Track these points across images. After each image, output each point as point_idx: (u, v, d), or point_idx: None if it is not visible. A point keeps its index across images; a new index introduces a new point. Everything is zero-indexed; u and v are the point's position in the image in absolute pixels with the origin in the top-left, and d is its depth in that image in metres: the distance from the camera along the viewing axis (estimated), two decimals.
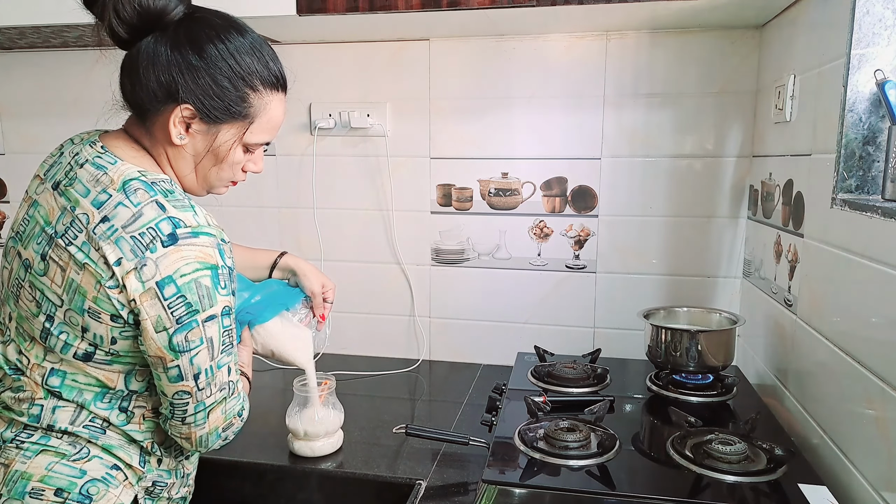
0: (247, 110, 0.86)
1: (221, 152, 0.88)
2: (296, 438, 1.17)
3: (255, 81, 0.86)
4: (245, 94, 0.85)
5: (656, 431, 1.15)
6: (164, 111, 0.84)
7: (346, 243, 1.70)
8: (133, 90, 0.85)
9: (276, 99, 0.89)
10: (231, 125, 0.86)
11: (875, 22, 0.93)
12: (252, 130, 0.88)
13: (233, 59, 0.84)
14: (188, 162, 0.88)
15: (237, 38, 0.85)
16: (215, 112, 0.84)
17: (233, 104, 0.85)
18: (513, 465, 0.96)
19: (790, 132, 1.22)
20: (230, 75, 0.84)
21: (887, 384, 0.82)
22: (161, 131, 0.85)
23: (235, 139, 0.88)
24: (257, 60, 0.86)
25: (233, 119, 0.86)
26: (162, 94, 0.83)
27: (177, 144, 0.85)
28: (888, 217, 0.80)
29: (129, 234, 0.78)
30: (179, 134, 0.85)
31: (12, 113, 1.84)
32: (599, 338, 1.60)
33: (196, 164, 0.89)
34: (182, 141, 0.85)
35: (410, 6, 1.25)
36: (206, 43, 0.83)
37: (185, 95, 0.82)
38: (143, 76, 0.83)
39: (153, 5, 0.81)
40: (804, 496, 0.86)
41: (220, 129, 0.86)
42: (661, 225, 1.53)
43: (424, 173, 1.63)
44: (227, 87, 0.84)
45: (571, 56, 1.52)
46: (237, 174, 0.94)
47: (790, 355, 1.17)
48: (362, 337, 1.73)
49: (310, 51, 1.64)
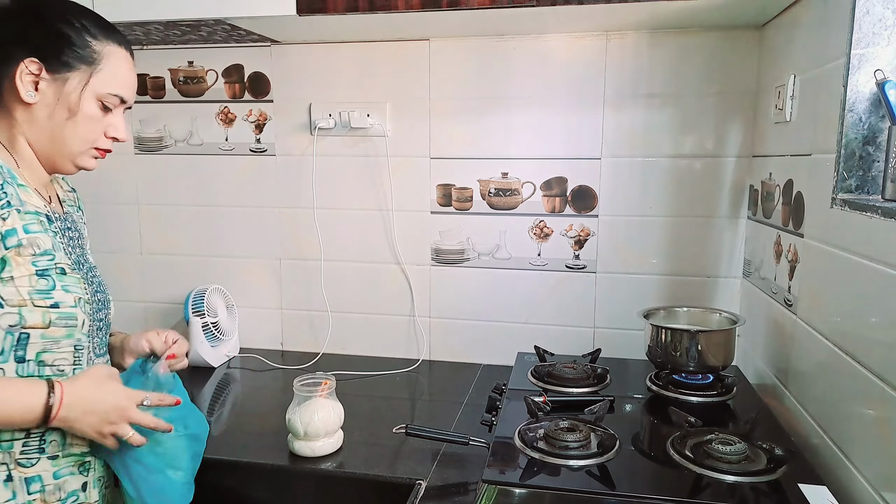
0: (91, 55, 0.90)
1: (72, 101, 0.89)
2: (296, 438, 1.17)
3: (94, 29, 0.91)
4: (86, 40, 0.90)
5: (656, 431, 1.14)
6: (6, 74, 0.87)
7: (346, 243, 1.70)
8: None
9: (118, 52, 0.93)
10: (78, 73, 0.89)
11: (875, 22, 0.93)
12: (100, 78, 0.91)
13: (63, 5, 0.91)
14: (42, 125, 0.90)
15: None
16: (61, 58, 0.88)
17: (77, 47, 0.89)
18: (513, 465, 0.96)
19: (790, 132, 1.22)
20: (68, 21, 0.89)
21: (887, 384, 0.82)
22: (9, 95, 0.88)
23: (85, 88, 0.90)
24: (89, 13, 0.93)
25: (78, 63, 0.89)
26: (6, 55, 0.86)
27: (28, 102, 0.87)
28: (888, 217, 0.81)
29: None
30: (28, 91, 0.87)
31: None
32: (599, 338, 1.60)
33: (51, 125, 0.90)
34: (33, 98, 0.87)
35: (410, 6, 1.25)
36: None
37: (28, 51, 0.86)
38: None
39: None
40: (804, 496, 0.86)
41: (67, 78, 0.89)
42: (661, 225, 1.53)
43: (424, 173, 1.63)
44: (69, 32, 0.88)
45: (571, 56, 1.52)
46: (98, 137, 0.94)
47: (790, 355, 1.17)
48: (362, 337, 1.73)
49: (310, 51, 1.64)
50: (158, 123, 1.76)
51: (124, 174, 1.79)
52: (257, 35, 1.56)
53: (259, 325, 1.78)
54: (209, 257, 1.79)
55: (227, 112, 1.72)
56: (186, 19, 1.37)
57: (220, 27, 1.46)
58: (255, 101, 1.70)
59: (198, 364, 1.63)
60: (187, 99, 1.73)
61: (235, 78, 1.70)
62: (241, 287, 1.77)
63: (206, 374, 1.61)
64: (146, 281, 1.82)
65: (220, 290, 1.71)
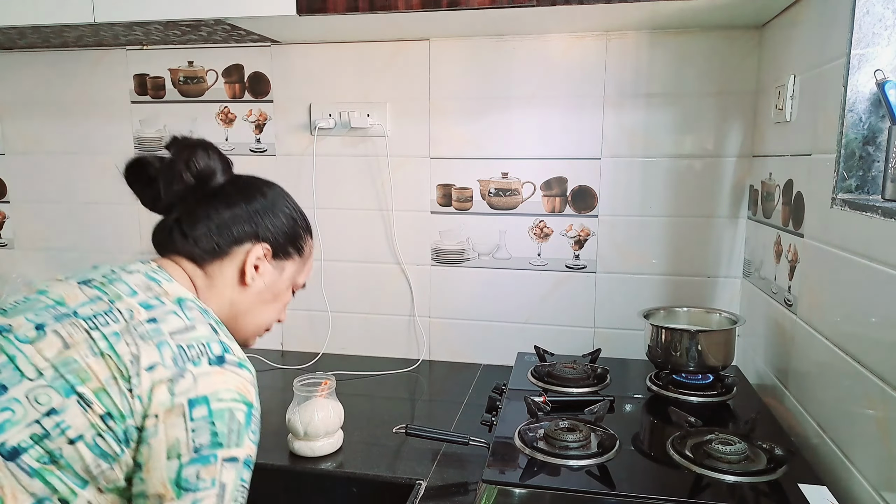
0: (304, 248, 0.94)
1: (280, 289, 0.91)
2: (296, 438, 1.17)
3: (305, 223, 0.95)
4: (301, 232, 0.93)
5: (656, 431, 1.14)
6: (234, 253, 0.86)
7: (346, 243, 1.70)
8: (196, 239, 0.85)
9: (311, 243, 0.97)
10: (293, 262, 0.92)
11: (875, 22, 0.93)
12: (303, 269, 0.95)
13: (283, 199, 0.92)
14: (242, 305, 0.88)
15: (280, 189, 0.94)
16: (286, 247, 0.91)
17: (297, 239, 0.92)
18: (513, 465, 0.96)
19: (790, 132, 1.22)
20: (290, 213, 0.92)
21: (887, 384, 0.82)
22: (229, 271, 0.86)
23: (292, 278, 0.93)
24: (299, 208, 0.95)
25: (295, 255, 0.92)
26: (237, 236, 0.86)
27: (247, 284, 0.87)
28: (888, 217, 0.80)
29: (177, 342, 0.72)
30: (252, 275, 0.87)
31: (12, 113, 1.84)
32: (599, 338, 1.60)
33: (252, 306, 0.89)
34: (252, 281, 0.87)
35: (410, 6, 1.25)
36: (264, 188, 0.91)
37: (263, 234, 0.87)
38: (218, 226, 0.85)
39: (210, 166, 0.87)
40: (804, 496, 0.86)
41: (285, 266, 0.91)
42: (661, 225, 1.53)
43: (424, 173, 1.63)
44: (292, 223, 0.92)
45: (571, 56, 1.52)
46: (278, 317, 0.95)
47: (790, 355, 1.17)
48: (362, 337, 1.73)
49: (310, 51, 1.64)
50: (158, 123, 1.76)
51: None
52: (257, 35, 1.56)
53: None
54: None
55: (228, 112, 1.72)
56: (186, 19, 1.37)
57: (220, 27, 1.46)
58: (255, 101, 1.70)
59: None
60: (187, 99, 1.73)
61: (235, 78, 1.70)
62: None
63: None
64: None
65: None
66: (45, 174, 1.85)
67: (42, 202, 1.87)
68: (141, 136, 1.77)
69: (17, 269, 1.89)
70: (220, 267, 0.86)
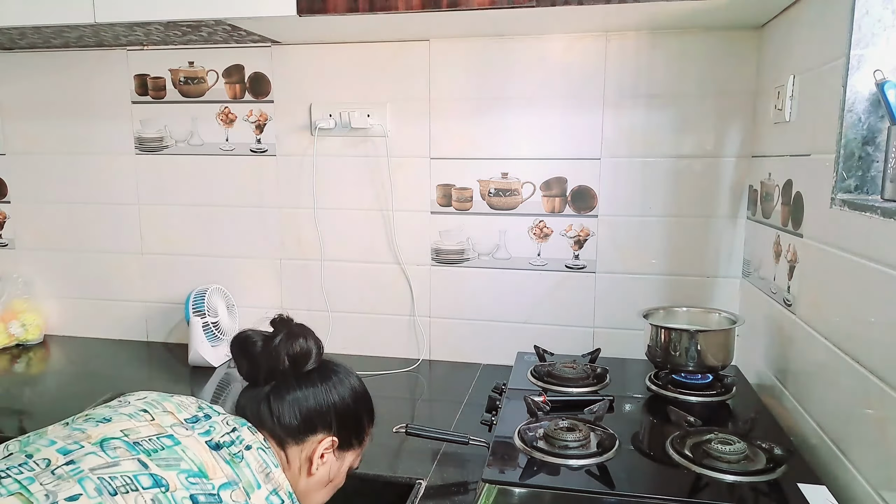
0: (365, 439, 0.96)
1: (336, 475, 0.93)
2: None
3: (371, 416, 0.97)
4: (366, 426, 0.96)
5: (656, 431, 1.15)
6: (307, 441, 0.88)
7: (346, 243, 1.70)
8: (279, 419, 0.87)
9: (371, 433, 0.98)
10: (353, 452, 0.94)
11: (874, 22, 0.93)
12: (359, 456, 0.97)
13: (364, 397, 0.95)
14: (303, 488, 0.89)
15: (358, 380, 0.96)
16: (353, 441, 0.93)
17: (363, 432, 0.95)
18: (512, 464, 0.96)
19: (789, 132, 1.22)
20: (365, 411, 0.95)
21: (887, 384, 0.82)
22: (298, 457, 0.88)
23: (349, 464, 0.95)
24: (370, 399, 0.97)
25: (357, 446, 0.94)
26: (315, 425, 0.88)
27: (312, 474, 0.88)
28: (888, 217, 0.81)
29: None
30: (318, 464, 0.88)
31: (12, 113, 1.84)
32: (599, 337, 1.60)
33: (309, 490, 0.90)
34: (317, 470, 0.89)
35: (410, 6, 1.25)
36: (345, 379, 0.93)
37: (334, 427, 0.89)
38: (302, 410, 0.87)
39: (307, 350, 0.90)
40: (803, 496, 0.86)
41: (345, 457, 0.93)
42: (661, 225, 1.54)
43: (424, 173, 1.64)
44: (362, 419, 0.94)
45: (571, 56, 1.52)
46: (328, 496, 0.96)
47: (789, 355, 1.17)
48: (362, 337, 1.73)
49: (310, 51, 1.64)
50: (159, 124, 1.76)
51: (124, 174, 1.80)
52: (258, 35, 1.56)
53: (259, 324, 1.77)
54: (209, 257, 1.79)
55: (228, 112, 1.72)
56: (187, 20, 1.37)
57: (221, 28, 1.46)
58: (256, 102, 1.70)
59: (198, 364, 1.63)
60: (188, 99, 1.74)
61: (236, 78, 1.70)
62: (241, 287, 1.77)
63: (207, 374, 1.61)
64: (146, 281, 1.82)
65: (220, 289, 1.71)
66: (46, 174, 1.85)
67: (42, 202, 1.87)
68: (141, 137, 1.77)
69: (18, 269, 1.89)
70: (294, 451, 0.88)
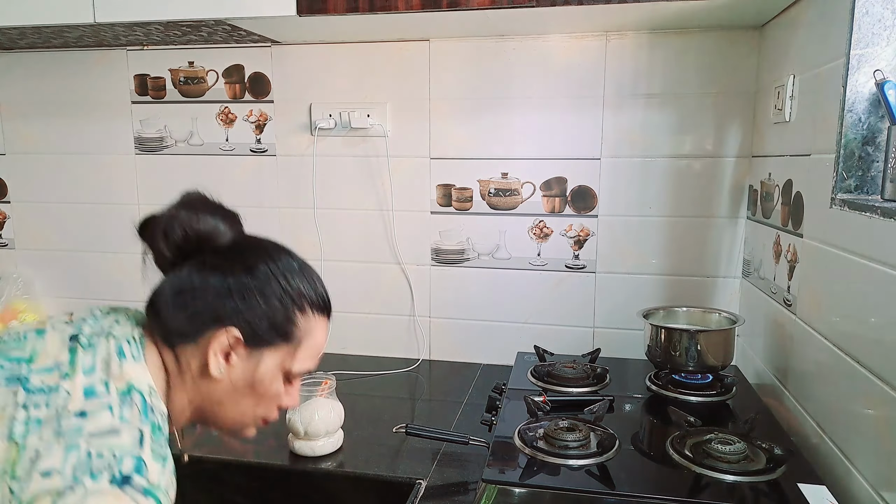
0: (294, 332, 0.80)
1: (262, 384, 0.79)
2: (296, 438, 1.17)
3: (303, 303, 0.81)
4: (293, 315, 0.79)
5: (656, 431, 1.15)
6: (201, 339, 0.76)
7: (346, 243, 1.70)
8: (173, 315, 0.77)
9: (321, 323, 0.84)
10: (275, 350, 0.79)
11: (874, 22, 0.93)
12: (297, 357, 0.81)
13: (284, 278, 0.79)
14: (217, 397, 0.78)
15: (287, 259, 0.82)
16: (262, 335, 0.77)
17: (281, 325, 0.78)
18: (512, 464, 0.96)
19: (789, 132, 1.22)
20: (280, 295, 0.78)
21: (887, 384, 0.82)
22: (194, 360, 0.76)
23: (278, 367, 0.80)
24: (307, 282, 0.82)
25: (279, 342, 0.79)
26: (205, 318, 0.76)
27: (214, 377, 0.76)
28: (888, 217, 0.81)
29: (91, 447, 0.62)
30: (219, 366, 0.76)
31: (12, 113, 1.84)
32: (599, 337, 1.60)
33: (225, 398, 0.79)
34: (220, 373, 0.76)
35: (410, 6, 1.25)
36: (257, 262, 0.78)
37: (232, 318, 0.75)
38: (185, 301, 0.76)
39: (202, 228, 0.77)
40: (803, 496, 0.86)
41: (263, 355, 0.78)
42: (661, 225, 1.54)
43: (424, 173, 1.64)
44: (277, 306, 0.78)
45: (571, 56, 1.52)
46: (272, 411, 0.84)
47: (789, 355, 1.17)
48: (362, 337, 1.73)
49: (310, 51, 1.64)
50: (159, 124, 1.76)
51: (124, 174, 1.80)
52: (258, 35, 1.56)
53: None
54: None
55: (228, 112, 1.72)
56: (187, 20, 1.37)
57: (221, 28, 1.46)
58: (256, 102, 1.70)
59: None
60: (188, 99, 1.74)
61: (236, 78, 1.70)
62: None
63: None
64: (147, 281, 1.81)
65: None
66: (46, 174, 1.85)
67: (42, 202, 1.87)
68: (141, 137, 1.77)
69: (17, 269, 1.89)
70: (190, 352, 0.76)
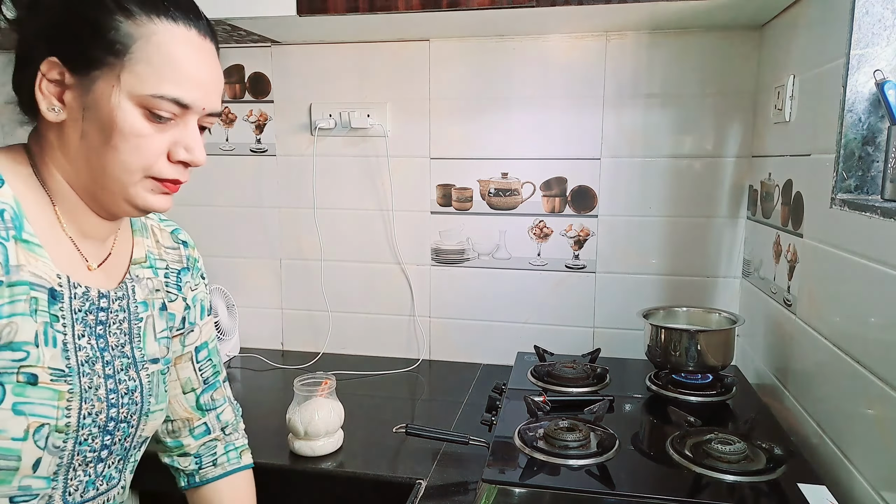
0: (120, 41, 0.62)
1: (103, 112, 0.64)
2: (296, 438, 1.17)
3: (130, 5, 0.63)
4: (116, 21, 0.63)
5: (656, 431, 1.15)
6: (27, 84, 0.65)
7: (346, 243, 1.70)
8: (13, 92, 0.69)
9: (167, 31, 0.64)
10: (110, 70, 0.63)
11: (874, 22, 0.93)
12: (138, 74, 0.63)
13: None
14: (75, 150, 0.66)
15: None
16: (81, 55, 0.63)
17: (103, 33, 0.62)
18: (512, 464, 0.96)
19: (789, 132, 1.22)
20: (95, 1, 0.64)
21: (887, 384, 0.82)
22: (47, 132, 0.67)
23: (121, 93, 0.64)
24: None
25: (105, 56, 0.63)
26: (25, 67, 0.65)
27: (51, 121, 0.65)
28: (888, 217, 0.81)
29: None
30: (51, 105, 0.64)
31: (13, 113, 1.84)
32: (599, 338, 1.60)
33: (84, 148, 0.66)
34: (56, 115, 0.64)
35: (410, 6, 1.25)
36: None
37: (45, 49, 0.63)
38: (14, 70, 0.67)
39: None
40: (803, 496, 0.86)
41: (94, 81, 0.63)
42: (661, 225, 1.54)
43: (424, 173, 1.64)
44: (94, 14, 0.63)
45: (571, 56, 1.52)
46: (152, 161, 0.67)
47: (789, 355, 1.17)
48: (362, 337, 1.73)
49: (310, 51, 1.64)
50: None
51: None
52: (258, 35, 1.56)
53: (259, 324, 1.78)
54: (209, 257, 1.77)
55: (228, 112, 1.72)
56: None
57: (221, 27, 1.46)
58: (256, 102, 1.70)
59: None
60: None
61: (236, 78, 1.70)
62: (241, 287, 1.77)
63: None
64: None
65: (220, 289, 1.71)
66: None
67: None
68: None
69: None
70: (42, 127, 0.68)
